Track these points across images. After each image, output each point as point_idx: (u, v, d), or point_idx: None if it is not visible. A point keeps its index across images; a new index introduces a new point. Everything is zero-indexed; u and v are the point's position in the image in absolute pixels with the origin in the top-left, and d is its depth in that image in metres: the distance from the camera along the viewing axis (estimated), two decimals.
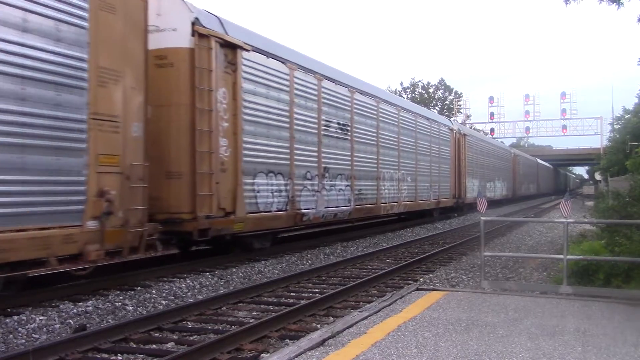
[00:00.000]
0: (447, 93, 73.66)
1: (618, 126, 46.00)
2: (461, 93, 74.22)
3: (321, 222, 15.66)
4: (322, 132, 14.98)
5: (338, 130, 15.94)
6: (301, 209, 13.84)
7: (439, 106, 71.04)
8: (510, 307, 6.86)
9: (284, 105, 13.36)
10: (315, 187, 14.54)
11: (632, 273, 8.22)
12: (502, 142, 58.94)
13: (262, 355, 5.76)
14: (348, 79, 17.37)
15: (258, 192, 12.10)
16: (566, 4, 10.17)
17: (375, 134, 18.69)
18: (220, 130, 11.04)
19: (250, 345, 6.11)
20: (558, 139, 75.56)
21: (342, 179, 16.02)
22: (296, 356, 4.93)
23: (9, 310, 7.50)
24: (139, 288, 9.14)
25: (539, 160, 71.96)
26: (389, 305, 6.96)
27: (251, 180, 11.92)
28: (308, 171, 14.21)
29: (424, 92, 72.25)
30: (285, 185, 13.21)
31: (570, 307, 6.91)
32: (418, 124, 23.41)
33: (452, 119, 35.76)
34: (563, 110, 65.56)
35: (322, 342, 5.31)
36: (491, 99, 68.96)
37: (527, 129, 68.30)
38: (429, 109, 50.25)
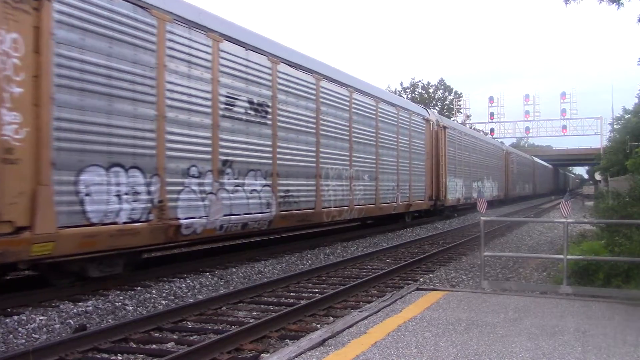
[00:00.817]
0: (447, 93, 73.67)
1: (618, 126, 45.97)
2: (461, 93, 74.31)
3: (219, 236, 11.79)
4: (221, 112, 10.98)
5: (250, 112, 11.86)
6: (178, 219, 9.82)
7: (439, 106, 71.02)
8: (510, 307, 6.86)
9: (146, 69, 9.33)
10: (207, 188, 10.57)
11: (632, 273, 8.22)
12: (502, 142, 57.18)
13: (262, 355, 5.76)
14: (267, 44, 12.96)
15: (87, 194, 8.23)
16: (566, 4, 10.18)
17: (314, 120, 14.63)
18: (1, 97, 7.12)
19: (250, 345, 6.11)
20: (558, 139, 75.60)
21: (258, 176, 12.07)
22: (296, 356, 4.93)
23: (9, 310, 7.50)
24: (139, 288, 9.14)
25: (536, 159, 68.55)
26: (389, 305, 6.96)
27: (72, 178, 8.02)
28: (193, 165, 10.24)
29: (423, 92, 72.24)
30: (148, 184, 9.28)
31: (570, 307, 6.91)
32: (380, 110, 19.12)
33: (431, 109, 31.39)
34: (563, 110, 65.59)
35: (322, 342, 5.31)
36: (491, 99, 69.00)
37: (527, 129, 68.33)
38: (429, 109, 48.75)
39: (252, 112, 12.07)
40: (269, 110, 12.66)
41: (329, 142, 15.52)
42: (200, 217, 10.38)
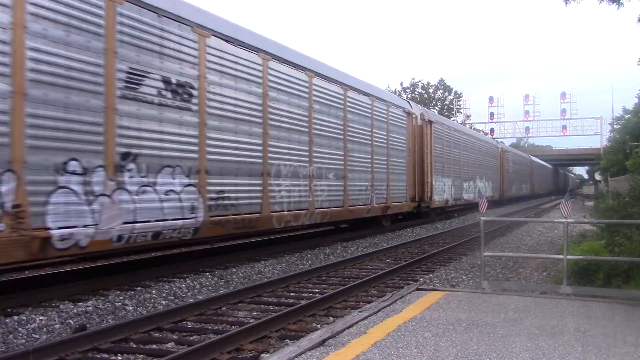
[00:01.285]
0: (446, 93, 73.64)
1: (618, 126, 45.98)
2: (461, 93, 74.26)
3: (120, 249, 9.94)
4: (120, 92, 8.83)
5: (165, 94, 9.68)
6: (48, 229, 7.58)
7: (439, 106, 71.03)
8: (510, 307, 6.86)
9: None
10: (97, 188, 8.35)
11: (632, 273, 8.22)
12: (497, 140, 54.80)
13: (262, 355, 5.76)
14: (191, 11, 10.59)
15: None
16: (566, 3, 10.18)
17: (259, 107, 12.22)
18: None
19: (250, 345, 6.11)
20: (558, 139, 75.67)
21: (176, 174, 9.87)
22: (296, 356, 4.93)
23: (9, 310, 7.50)
24: (139, 288, 9.14)
25: (534, 158, 65.81)
26: (389, 305, 6.96)
27: None
28: (73, 159, 8.00)
29: (423, 92, 72.23)
30: None
31: (570, 307, 6.91)
32: (350, 100, 16.57)
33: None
34: (563, 110, 65.61)
35: (322, 342, 5.31)
36: (491, 99, 69.02)
37: (527, 129, 68.35)
38: (429, 109, 48.46)
39: (169, 95, 9.78)
40: (194, 93, 10.37)
41: (281, 135, 13.02)
42: (86, 226, 8.07)
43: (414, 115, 22.71)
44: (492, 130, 67.61)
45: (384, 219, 20.06)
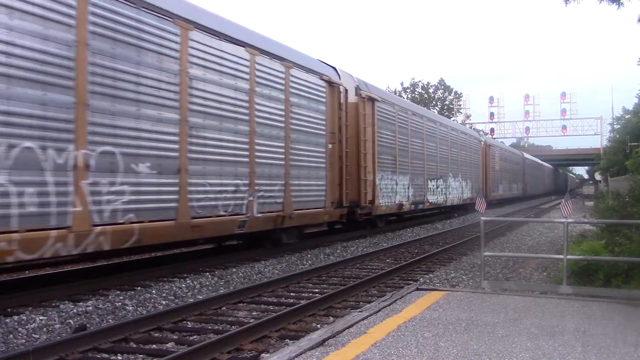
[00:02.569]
0: (447, 93, 73.67)
1: (618, 126, 45.97)
2: (461, 93, 74.33)
3: None
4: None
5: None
6: None
7: (439, 106, 71.05)
8: (510, 307, 6.86)
9: None
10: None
11: (632, 273, 8.22)
12: (480, 132, 48.99)
13: (262, 355, 5.76)
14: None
15: None
16: (566, 3, 10.16)
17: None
18: None
19: (250, 345, 6.11)
20: (558, 139, 75.76)
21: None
22: (296, 356, 4.93)
23: (9, 310, 7.50)
24: (139, 288, 9.14)
25: (527, 155, 60.63)
26: (389, 305, 6.95)
27: None
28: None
29: (423, 92, 72.24)
30: None
31: (570, 307, 6.90)
32: (196, 47, 10.45)
33: (338, 68, 17.30)
34: (563, 111, 65.65)
35: (322, 342, 5.31)
36: (491, 99, 69.07)
37: (527, 129, 68.39)
38: (429, 109, 47.13)
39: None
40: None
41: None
42: None
43: (337, 87, 15.85)
44: (492, 130, 67.63)
45: (283, 234, 13.74)
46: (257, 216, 12.05)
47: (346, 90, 16.59)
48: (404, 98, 55.77)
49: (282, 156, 13.11)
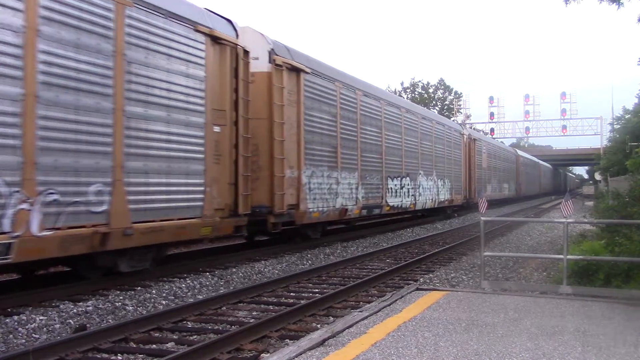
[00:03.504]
0: (447, 93, 73.67)
1: (618, 126, 45.93)
2: (461, 93, 74.31)
3: None
4: None
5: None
6: None
7: (439, 106, 71.04)
8: (510, 307, 6.86)
9: None
10: None
11: (632, 273, 8.22)
12: (462, 124, 40.84)
13: (262, 355, 5.76)
14: None
15: None
16: (566, 3, 10.17)
17: None
18: None
19: (250, 345, 6.11)
20: (558, 139, 75.59)
21: None
22: (296, 356, 4.93)
23: (9, 310, 7.50)
24: (139, 288, 9.14)
25: (521, 153, 56.83)
26: (389, 305, 6.96)
27: None
28: None
29: (423, 92, 72.24)
30: None
31: (570, 307, 6.91)
32: None
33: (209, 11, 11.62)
34: (563, 111, 65.58)
35: (322, 342, 5.31)
36: (491, 99, 69.00)
37: (527, 129, 68.31)
38: (429, 109, 45.36)
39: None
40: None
41: None
42: None
43: (238, 49, 11.43)
44: (492, 130, 67.61)
45: (125, 260, 9.33)
46: (41, 235, 7.42)
47: (246, 53, 11.74)
48: (403, 98, 55.34)
49: (108, 139, 8.51)
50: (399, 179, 20.69)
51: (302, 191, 13.77)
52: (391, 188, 19.84)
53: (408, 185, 21.66)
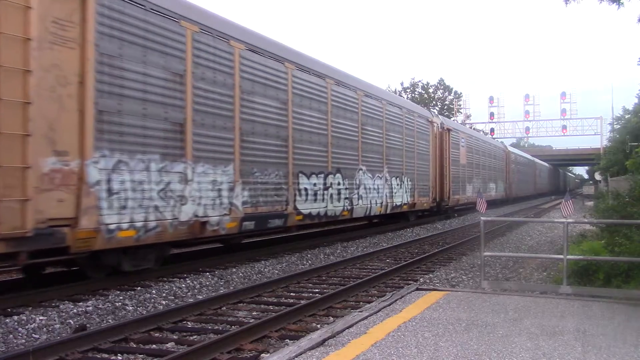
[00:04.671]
0: (447, 93, 73.67)
1: (618, 126, 45.99)
2: (461, 93, 74.24)
3: None
4: None
5: None
6: None
7: (439, 106, 71.03)
8: (510, 307, 6.86)
9: None
10: None
11: (632, 273, 8.22)
12: (435, 112, 30.97)
13: (262, 355, 5.76)
14: None
15: None
16: (566, 3, 10.17)
17: None
18: None
19: (250, 345, 6.11)
20: (558, 139, 75.55)
21: None
22: (296, 356, 4.93)
23: (9, 310, 7.50)
24: (139, 288, 9.14)
25: (512, 149, 51.17)
26: (389, 305, 6.96)
27: None
28: None
29: (423, 92, 72.24)
30: None
31: (570, 307, 6.91)
32: None
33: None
34: (563, 111, 65.62)
35: (322, 342, 5.31)
36: (491, 99, 69.02)
37: (527, 129, 68.34)
38: (429, 109, 42.56)
39: None
40: None
41: None
42: None
43: None
44: (492, 130, 67.62)
45: None
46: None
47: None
48: (403, 98, 55.00)
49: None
50: (321, 176, 14.84)
51: (90, 194, 8.24)
52: (305, 189, 14.03)
53: (339, 184, 15.86)
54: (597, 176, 53.10)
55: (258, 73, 12.28)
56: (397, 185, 20.59)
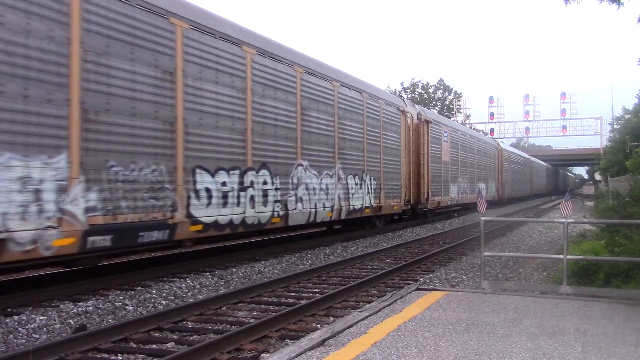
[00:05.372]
0: (446, 93, 73.69)
1: (618, 126, 46.03)
2: (461, 93, 74.29)
3: None
4: None
5: None
6: None
7: (439, 106, 71.04)
8: (510, 307, 6.86)
9: None
10: None
11: (632, 273, 8.22)
12: (409, 99, 31.57)
13: (262, 355, 5.76)
14: None
15: None
16: (566, 3, 10.18)
17: None
18: None
19: (250, 345, 6.11)
20: (558, 139, 75.64)
21: None
22: (296, 356, 4.93)
23: (9, 310, 7.50)
24: (139, 288, 9.15)
25: (505, 146, 48.11)
26: (389, 305, 6.96)
27: None
28: None
29: (423, 92, 72.25)
30: None
31: (570, 307, 6.91)
32: None
33: None
34: (563, 111, 65.68)
35: (322, 342, 5.31)
36: (491, 99, 69.09)
37: (527, 129, 68.41)
38: (429, 109, 41.35)
39: None
40: None
41: None
42: None
43: None
44: (492, 130, 67.64)
45: None
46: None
47: None
48: (403, 98, 54.81)
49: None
50: (236, 172, 11.49)
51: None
52: (208, 190, 10.69)
53: (265, 184, 12.45)
54: (597, 176, 53.09)
55: (132, 33, 9.05)
56: (356, 185, 16.88)
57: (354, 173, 16.86)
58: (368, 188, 17.77)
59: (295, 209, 13.53)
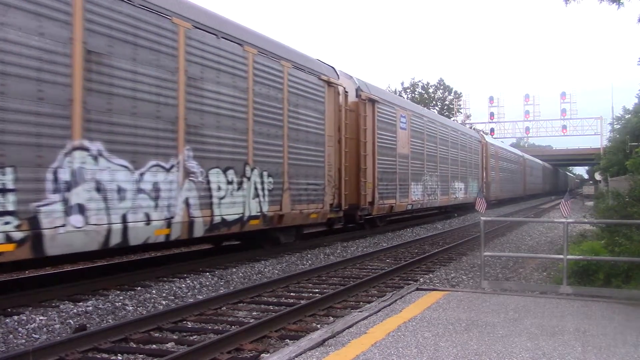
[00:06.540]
0: (446, 93, 73.69)
1: (618, 126, 45.99)
2: (461, 93, 74.31)
3: None
4: None
5: None
6: None
7: (439, 106, 71.04)
8: (510, 307, 6.86)
9: None
10: None
11: (632, 273, 8.22)
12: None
13: (262, 355, 5.76)
14: None
15: None
16: (566, 3, 10.17)
17: None
18: None
19: (250, 345, 6.11)
20: (558, 139, 75.62)
21: None
22: (296, 356, 4.93)
23: (9, 310, 7.50)
24: (139, 288, 9.14)
25: (491, 140, 43.75)
26: (389, 305, 6.96)
27: None
28: None
29: (423, 92, 72.25)
30: None
31: (570, 307, 6.91)
32: None
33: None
34: (563, 111, 65.67)
35: (322, 342, 5.31)
36: (491, 99, 69.09)
37: (527, 129, 68.41)
38: (429, 109, 39.49)
39: None
40: None
41: None
42: None
43: None
44: (492, 130, 67.64)
45: None
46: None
47: None
48: (403, 98, 54.89)
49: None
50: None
51: None
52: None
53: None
54: (597, 176, 53.03)
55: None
56: (229, 183, 11.38)
57: (226, 166, 11.29)
58: (256, 188, 12.28)
59: (61, 226, 7.76)
